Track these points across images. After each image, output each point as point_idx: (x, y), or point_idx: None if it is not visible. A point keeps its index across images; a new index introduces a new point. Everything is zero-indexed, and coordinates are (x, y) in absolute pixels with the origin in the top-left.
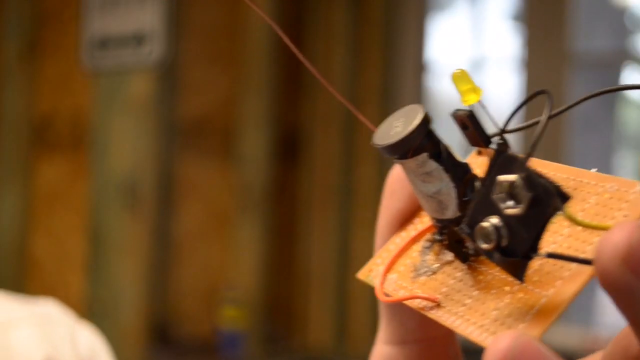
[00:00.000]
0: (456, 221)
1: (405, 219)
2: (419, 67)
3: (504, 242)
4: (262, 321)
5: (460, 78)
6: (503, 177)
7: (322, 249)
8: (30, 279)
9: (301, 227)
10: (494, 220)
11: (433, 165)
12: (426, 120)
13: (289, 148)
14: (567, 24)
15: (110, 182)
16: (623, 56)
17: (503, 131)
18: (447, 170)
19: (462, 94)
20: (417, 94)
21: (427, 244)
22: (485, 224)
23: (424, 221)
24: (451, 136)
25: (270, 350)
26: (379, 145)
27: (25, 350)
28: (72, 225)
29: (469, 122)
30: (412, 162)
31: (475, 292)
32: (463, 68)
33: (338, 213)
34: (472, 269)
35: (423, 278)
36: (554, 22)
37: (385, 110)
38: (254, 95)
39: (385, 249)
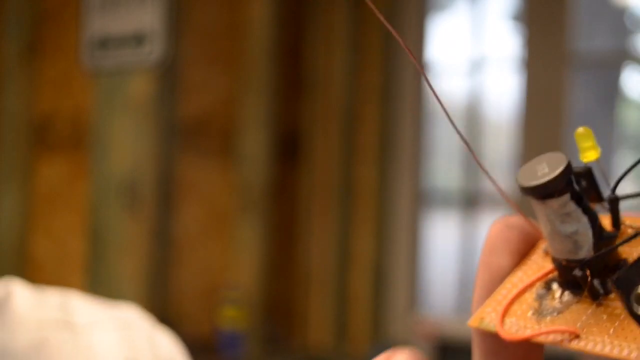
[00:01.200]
0: (588, 261)
1: (506, 274)
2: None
3: None
4: (262, 321)
5: (584, 136)
6: None
7: (322, 249)
8: (30, 279)
9: (301, 227)
10: None
11: (573, 206)
12: (570, 166)
13: (289, 148)
14: (567, 24)
15: (110, 182)
16: (623, 56)
17: (616, 197)
18: (585, 212)
19: (582, 150)
20: (417, 94)
21: (542, 290)
22: None
23: (531, 269)
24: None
25: (270, 350)
26: (527, 186)
27: (106, 353)
28: (72, 225)
29: (585, 179)
30: (555, 203)
31: (616, 323)
32: (587, 127)
33: (338, 213)
34: (604, 306)
35: (549, 318)
36: (554, 22)
37: (385, 110)
38: (254, 95)
39: (493, 299)
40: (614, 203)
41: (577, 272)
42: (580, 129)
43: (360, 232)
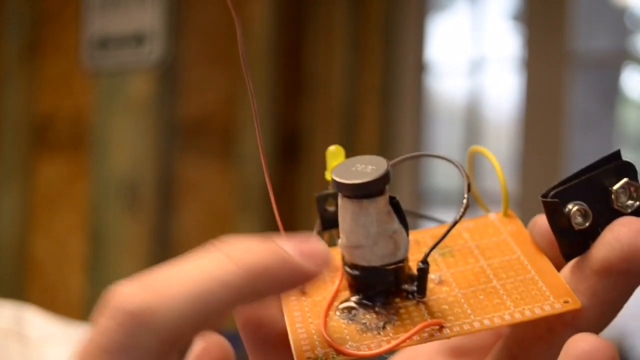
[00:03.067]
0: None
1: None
2: (419, 67)
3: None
4: None
5: (334, 154)
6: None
7: None
8: (30, 279)
9: (301, 227)
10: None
11: (389, 207)
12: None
13: (289, 148)
14: (567, 24)
15: (110, 182)
16: (623, 56)
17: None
18: (396, 212)
19: (330, 169)
20: (417, 94)
21: (344, 313)
22: (576, 206)
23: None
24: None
25: None
26: (353, 183)
27: None
28: (72, 225)
29: None
30: (382, 200)
31: (465, 304)
32: (339, 146)
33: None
34: (429, 302)
35: (388, 328)
36: (554, 22)
37: (385, 110)
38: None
39: (293, 334)
40: (423, 270)
41: (421, 265)
42: (332, 148)
43: None
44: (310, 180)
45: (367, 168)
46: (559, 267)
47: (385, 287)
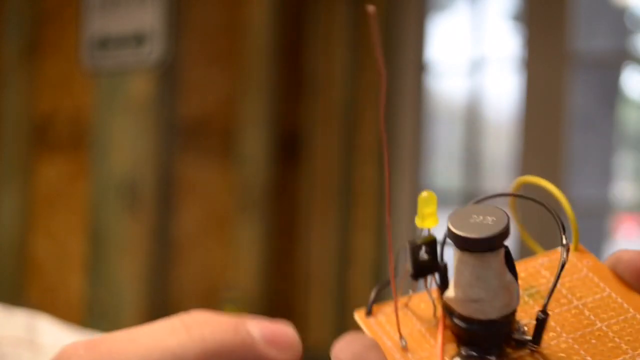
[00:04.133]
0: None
1: None
2: (419, 67)
3: None
4: None
5: (427, 201)
6: None
7: (322, 249)
8: (30, 279)
9: (301, 227)
10: None
11: (503, 258)
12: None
13: (289, 148)
14: (567, 24)
15: (110, 182)
16: (623, 56)
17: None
18: (508, 263)
19: (423, 216)
20: (417, 94)
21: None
22: None
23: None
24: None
25: None
26: (479, 237)
27: None
28: (72, 225)
29: (428, 246)
30: (502, 253)
31: (586, 346)
32: (432, 192)
33: (338, 213)
34: (545, 347)
35: None
36: (554, 22)
37: (385, 110)
38: (254, 95)
39: None
40: (543, 320)
41: (541, 315)
42: (424, 194)
43: (360, 232)
44: (310, 180)
45: (486, 219)
46: None
47: (501, 339)
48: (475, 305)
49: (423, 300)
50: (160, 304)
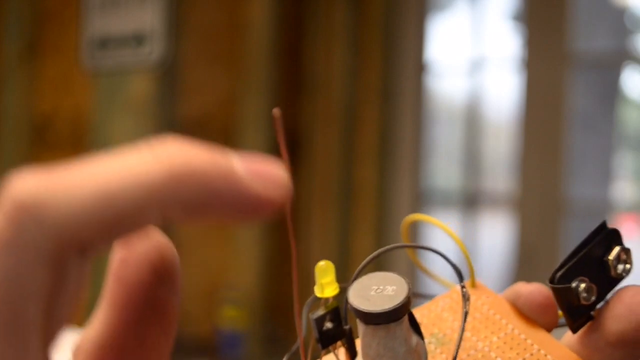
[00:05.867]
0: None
1: None
2: (419, 67)
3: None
4: (262, 321)
5: (325, 270)
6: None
7: (322, 249)
8: None
9: (301, 226)
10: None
11: (408, 323)
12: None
13: (288, 148)
14: (567, 24)
15: None
16: (623, 56)
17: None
18: (413, 325)
19: (321, 286)
20: (417, 94)
21: None
22: (582, 284)
23: None
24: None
25: (270, 350)
26: (383, 311)
27: None
28: None
29: (331, 315)
30: (406, 319)
31: None
32: (329, 262)
33: (338, 213)
34: None
35: None
36: (554, 22)
37: (385, 110)
38: (254, 95)
39: None
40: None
41: None
42: (322, 263)
43: (360, 232)
44: (310, 180)
45: (386, 290)
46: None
47: None
48: None
49: None
50: None
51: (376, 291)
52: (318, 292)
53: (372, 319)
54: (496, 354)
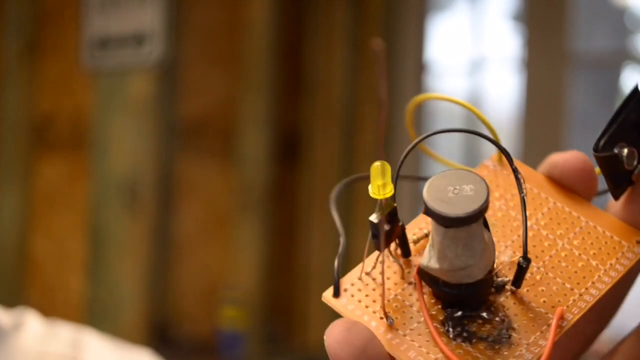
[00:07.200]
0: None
1: None
2: (419, 67)
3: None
4: (262, 321)
5: (380, 171)
6: None
7: (322, 249)
8: (30, 279)
9: (301, 227)
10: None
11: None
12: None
13: (289, 148)
14: (567, 24)
15: (110, 182)
16: (623, 56)
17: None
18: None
19: (377, 187)
20: (417, 94)
21: (458, 329)
22: (625, 149)
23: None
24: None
25: (270, 350)
26: (467, 214)
27: None
28: (72, 225)
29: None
30: (481, 222)
31: (560, 272)
32: (385, 162)
33: (338, 213)
34: (522, 292)
35: (514, 333)
36: (554, 22)
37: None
38: (254, 95)
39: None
40: (525, 268)
41: (523, 263)
42: (377, 164)
43: (360, 232)
44: (310, 180)
45: (464, 190)
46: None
47: (487, 294)
48: (463, 272)
49: (377, 263)
50: (160, 304)
51: (454, 192)
52: (374, 194)
53: (455, 222)
54: (547, 231)
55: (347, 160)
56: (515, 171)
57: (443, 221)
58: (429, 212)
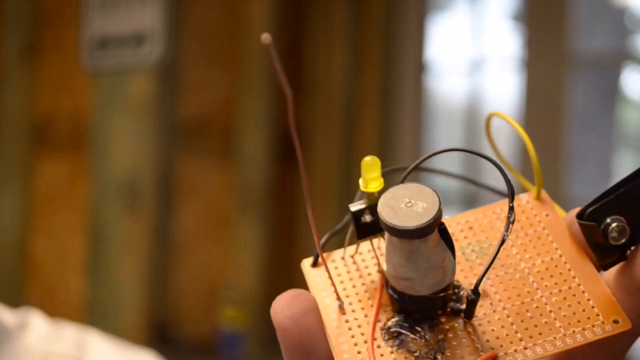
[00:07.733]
0: (452, 285)
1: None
2: (419, 67)
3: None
4: (262, 321)
5: (371, 166)
6: None
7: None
8: (30, 279)
9: (301, 227)
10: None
11: (439, 236)
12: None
13: (289, 148)
14: (567, 24)
15: (110, 182)
16: (623, 56)
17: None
18: (445, 240)
19: (367, 181)
20: (417, 94)
21: (391, 340)
22: (614, 222)
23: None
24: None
25: (270, 350)
26: (407, 228)
27: None
28: (72, 225)
29: (370, 211)
30: (434, 236)
31: (520, 321)
32: (375, 157)
33: (338, 213)
34: (471, 324)
35: (440, 358)
36: (554, 22)
37: (385, 110)
38: (254, 95)
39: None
40: (474, 301)
41: (472, 296)
42: (367, 159)
43: None
44: (310, 180)
45: (417, 206)
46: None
47: (434, 312)
48: (405, 282)
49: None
50: (160, 304)
51: (406, 205)
52: (362, 187)
53: (396, 233)
54: (534, 279)
55: (347, 160)
56: (510, 209)
57: (383, 226)
58: (378, 215)
